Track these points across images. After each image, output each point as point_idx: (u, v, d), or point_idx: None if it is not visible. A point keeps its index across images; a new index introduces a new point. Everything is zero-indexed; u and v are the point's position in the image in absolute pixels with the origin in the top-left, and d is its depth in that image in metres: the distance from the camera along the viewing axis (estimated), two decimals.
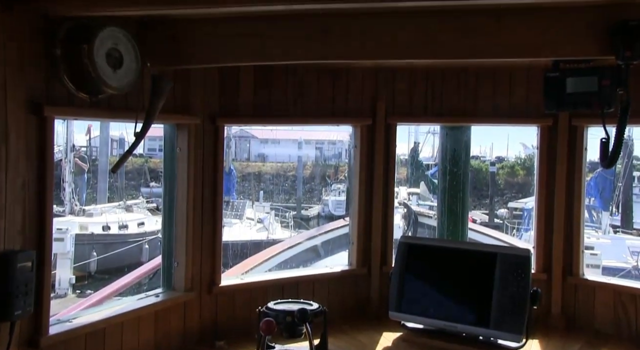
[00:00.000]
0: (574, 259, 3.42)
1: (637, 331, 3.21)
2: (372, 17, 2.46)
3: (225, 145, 3.25)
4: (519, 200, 30.99)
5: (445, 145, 3.81)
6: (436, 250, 3.36)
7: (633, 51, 2.33)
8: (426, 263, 3.32)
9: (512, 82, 3.43)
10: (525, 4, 2.33)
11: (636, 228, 26.64)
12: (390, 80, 3.56)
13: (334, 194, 33.23)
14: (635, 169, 30.97)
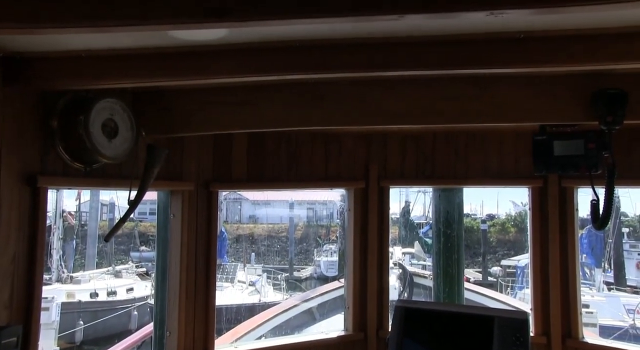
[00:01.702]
0: (572, 321, 3.37)
1: None
2: (365, 85, 2.55)
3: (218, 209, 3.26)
4: (511, 258, 30.84)
5: (439, 207, 3.83)
6: (433, 314, 3.30)
7: (614, 117, 2.42)
8: (423, 327, 3.25)
9: (501, 145, 3.50)
10: (510, 73, 2.43)
11: (630, 285, 26.46)
12: (382, 144, 3.62)
13: (326, 255, 32.90)
14: (623, 225, 31.15)
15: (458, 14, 1.62)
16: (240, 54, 2.09)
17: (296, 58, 2.09)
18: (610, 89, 2.41)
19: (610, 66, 2.28)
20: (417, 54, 2.09)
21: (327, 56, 2.10)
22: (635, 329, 14.99)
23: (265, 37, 2.01)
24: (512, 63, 2.09)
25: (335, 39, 2.02)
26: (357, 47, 2.06)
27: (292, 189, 3.67)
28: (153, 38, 1.96)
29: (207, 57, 2.09)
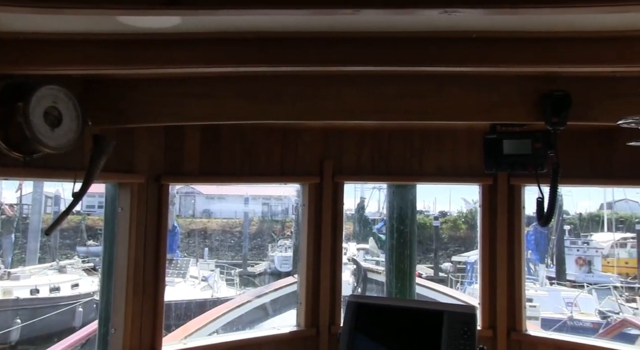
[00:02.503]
0: (517, 315, 3.48)
1: None
2: (324, 80, 2.54)
3: (169, 203, 3.18)
4: (462, 254, 31.65)
5: (392, 203, 3.87)
6: (384, 309, 3.33)
7: (559, 118, 2.50)
8: (375, 322, 3.28)
9: (455, 143, 3.56)
10: (464, 72, 2.47)
11: (569, 279, 27.65)
12: (338, 140, 3.62)
13: (280, 250, 32.88)
14: (565, 223, 32.50)
15: (412, 10, 1.63)
16: (195, 44, 2.04)
17: (252, 50, 2.06)
18: (556, 91, 2.49)
19: (558, 69, 2.34)
20: (374, 50, 2.09)
21: (284, 49, 2.08)
22: (572, 321, 15.69)
23: (220, 27, 1.96)
24: (465, 62, 2.12)
25: (292, 32, 2.00)
26: (315, 41, 2.05)
27: (247, 184, 3.63)
28: (103, 23, 1.88)
29: (161, 47, 2.03)
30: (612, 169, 3.23)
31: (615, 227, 35.34)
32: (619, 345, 3.74)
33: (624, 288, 23.18)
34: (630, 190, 37.27)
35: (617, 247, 32.64)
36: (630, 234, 33.12)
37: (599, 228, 36.48)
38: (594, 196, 66.55)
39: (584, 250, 32.14)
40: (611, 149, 3.21)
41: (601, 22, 1.86)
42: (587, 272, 30.33)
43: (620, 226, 35.90)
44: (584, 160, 3.28)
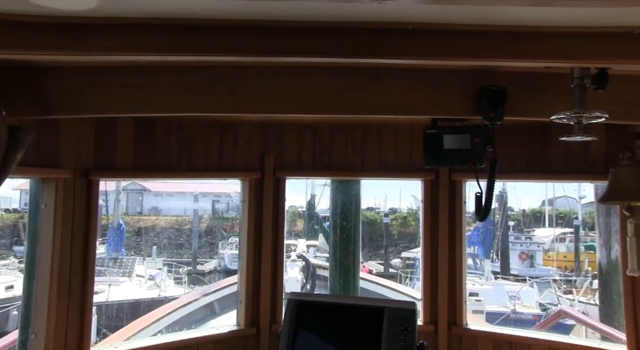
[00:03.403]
0: (458, 309, 3.50)
1: None
2: (262, 71, 2.45)
3: (114, 200, 3.02)
4: (411, 250, 32.19)
5: (336, 199, 3.82)
6: (326, 306, 3.28)
7: (496, 113, 2.51)
8: (316, 320, 3.23)
9: (396, 138, 3.55)
10: (404, 65, 2.44)
11: (512, 274, 28.59)
12: (279, 134, 3.55)
13: (231, 248, 32.50)
14: (509, 219, 33.60)
15: None
16: (120, 30, 1.91)
17: (180, 38, 1.96)
18: (492, 86, 2.49)
19: (494, 63, 2.35)
20: (312, 40, 2.03)
21: (215, 37, 1.99)
22: (515, 314, 16.21)
23: (144, 13, 1.85)
24: (402, 54, 2.08)
25: (223, 19, 1.91)
26: (250, 29, 1.97)
27: (183, 178, 3.50)
28: (12, 3, 1.74)
29: (84, 32, 1.90)
30: (548, 163, 3.29)
31: (556, 223, 36.80)
32: (553, 336, 3.84)
33: (562, 281, 24.16)
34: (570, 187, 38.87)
35: (557, 241, 34.00)
36: (568, 229, 34.54)
37: (541, 224, 37.89)
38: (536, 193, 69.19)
39: (526, 245, 33.36)
40: (547, 144, 3.27)
41: (536, 17, 1.86)
42: (529, 266, 31.48)
43: (560, 222, 37.40)
44: (521, 155, 3.33)
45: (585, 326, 8.04)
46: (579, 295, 19.60)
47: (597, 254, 13.64)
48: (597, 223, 13.11)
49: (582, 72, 2.27)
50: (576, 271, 28.49)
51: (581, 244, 31.09)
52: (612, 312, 12.13)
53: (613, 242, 12.10)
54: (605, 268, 12.47)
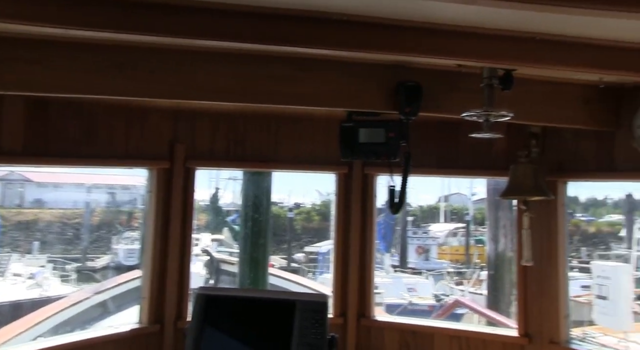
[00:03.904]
0: (367, 302, 3.57)
1: None
2: (174, 55, 2.34)
3: None
4: (314, 245, 32.61)
5: (248, 191, 3.76)
6: (235, 301, 3.22)
7: (412, 108, 2.58)
8: (225, 314, 3.15)
9: (312, 130, 3.53)
10: (325, 56, 2.44)
11: (410, 267, 29.93)
12: (191, 122, 3.41)
13: (126, 243, 31.07)
14: (408, 214, 35.12)
15: None
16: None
17: (82, 9, 1.81)
18: (409, 81, 2.56)
19: (413, 58, 2.41)
20: (232, 23, 1.96)
21: (126, 14, 1.86)
22: (412, 305, 16.99)
23: None
24: (324, 44, 2.08)
25: None
26: (161, 7, 1.86)
27: (83, 166, 3.25)
28: None
29: None
30: (457, 160, 3.44)
31: (450, 218, 38.97)
32: (452, 325, 4.06)
33: (454, 273, 25.66)
34: (463, 185, 41.33)
35: (450, 236, 36.01)
36: (461, 224, 36.68)
37: (436, 219, 39.93)
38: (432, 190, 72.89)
39: (423, 239, 34.97)
40: (456, 141, 3.42)
41: (454, 16, 1.92)
42: (425, 260, 33.05)
43: (454, 217, 39.66)
44: (431, 151, 3.45)
45: (477, 314, 8.63)
46: (469, 286, 20.90)
47: (486, 247, 14.62)
48: (488, 218, 14.05)
49: (490, 72, 2.39)
50: (466, 263, 30.34)
51: (471, 238, 33.17)
52: (498, 300, 13.06)
53: (501, 236, 13.03)
54: (493, 260, 13.40)
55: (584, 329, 9.09)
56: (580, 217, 39.32)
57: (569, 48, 2.07)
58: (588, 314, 8.90)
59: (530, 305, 3.23)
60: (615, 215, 40.36)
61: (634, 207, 33.81)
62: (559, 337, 3.12)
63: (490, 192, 13.27)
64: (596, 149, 3.02)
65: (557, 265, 3.16)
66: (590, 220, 40.29)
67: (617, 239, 34.42)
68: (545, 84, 2.70)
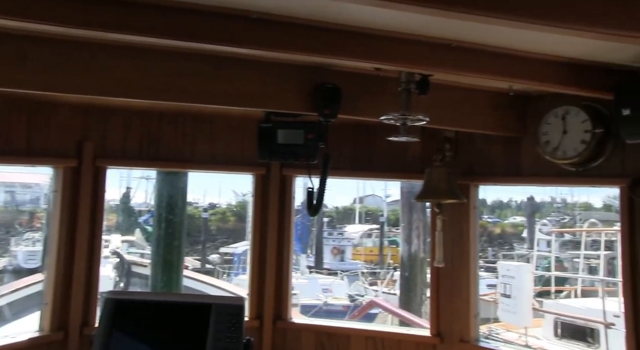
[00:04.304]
0: (283, 303, 3.54)
1: None
2: (82, 47, 2.20)
3: None
4: (229, 246, 32.21)
5: (162, 191, 3.62)
6: (147, 305, 3.08)
7: (331, 110, 2.59)
8: (136, 320, 3.01)
9: (230, 130, 3.46)
10: (244, 55, 2.39)
11: (325, 268, 30.33)
12: (102, 119, 3.24)
13: (27, 244, 29.06)
14: (324, 216, 35.58)
15: None
16: None
17: None
18: (328, 83, 2.57)
19: (332, 60, 2.42)
20: (146, 18, 1.87)
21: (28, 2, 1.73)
22: (327, 305, 17.20)
23: None
24: (243, 42, 2.03)
25: None
26: None
27: None
28: None
29: None
30: (374, 162, 3.50)
31: (364, 219, 39.87)
32: (368, 325, 4.12)
33: (368, 273, 26.25)
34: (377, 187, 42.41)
35: (365, 237, 36.85)
36: (375, 225, 37.65)
37: (351, 220, 40.71)
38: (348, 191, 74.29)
39: (338, 240, 35.55)
40: (372, 144, 3.47)
41: (372, 19, 1.94)
42: (340, 261, 33.59)
43: (368, 218, 40.62)
44: (348, 153, 3.48)
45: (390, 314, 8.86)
46: (382, 286, 21.46)
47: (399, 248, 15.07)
48: (401, 220, 14.49)
49: (408, 77, 2.45)
50: (380, 264, 31.16)
51: (385, 239, 34.12)
52: (410, 300, 13.50)
53: (414, 237, 13.48)
54: (406, 261, 13.83)
55: (490, 326, 9.60)
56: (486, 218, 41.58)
57: (483, 56, 2.16)
58: (493, 312, 9.39)
59: (442, 305, 3.34)
60: (518, 217, 43.10)
61: (536, 209, 36.28)
62: (469, 336, 3.25)
63: (404, 194, 13.70)
64: (504, 154, 3.18)
65: (469, 266, 3.29)
66: (496, 222, 42.76)
67: (520, 240, 36.78)
68: (459, 90, 2.81)
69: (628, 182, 2.66)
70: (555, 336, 9.26)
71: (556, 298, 12.17)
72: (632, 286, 2.65)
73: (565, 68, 2.29)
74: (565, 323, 9.25)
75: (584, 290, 12.08)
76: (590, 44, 1.98)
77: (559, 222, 32.16)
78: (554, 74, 2.29)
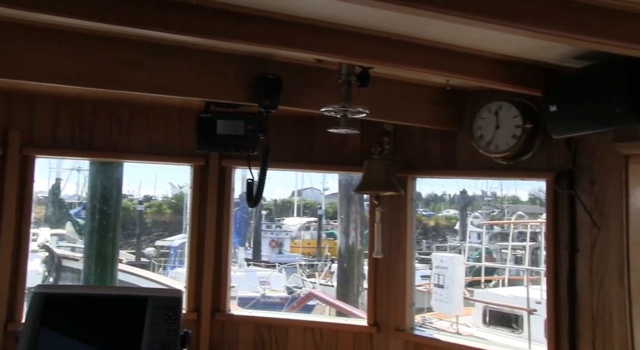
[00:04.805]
0: (222, 296, 3.51)
1: None
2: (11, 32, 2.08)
3: None
4: (166, 239, 31.51)
5: (95, 182, 3.48)
6: (78, 299, 2.97)
7: (272, 101, 2.58)
8: (67, 314, 2.89)
9: (166, 119, 3.38)
10: (185, 44, 2.34)
11: (264, 260, 30.28)
12: (29, 106, 3.09)
13: None
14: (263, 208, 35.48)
15: None
16: None
17: None
18: (269, 74, 2.56)
19: (272, 50, 2.40)
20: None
21: None
22: (265, 298, 17.20)
23: None
24: (181, 29, 1.99)
25: None
26: None
27: None
28: None
29: None
30: (313, 154, 3.51)
31: (303, 212, 40.02)
32: (306, 316, 4.15)
33: (306, 265, 26.40)
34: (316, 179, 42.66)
35: (303, 229, 37.02)
36: (313, 218, 37.87)
37: (290, 213, 40.78)
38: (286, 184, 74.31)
39: (276, 233, 35.54)
40: (313, 136, 3.49)
41: (314, 10, 1.95)
42: (278, 253, 33.61)
43: (307, 211, 40.80)
44: (288, 145, 3.48)
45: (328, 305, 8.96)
46: (320, 278, 21.65)
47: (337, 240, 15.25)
48: (339, 213, 14.65)
49: (348, 69, 2.47)
50: (318, 256, 31.40)
51: (324, 231, 34.39)
52: (347, 291, 13.71)
53: (351, 229, 13.67)
54: (343, 253, 14.02)
55: (423, 315, 9.90)
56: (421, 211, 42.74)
57: (422, 50, 2.21)
58: (427, 302, 9.69)
59: (379, 296, 3.41)
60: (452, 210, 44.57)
61: (468, 203, 37.63)
62: (405, 325, 3.34)
63: (342, 187, 13.85)
64: (441, 147, 3.28)
65: (405, 257, 3.37)
66: (430, 215, 44.02)
67: (453, 232, 38.06)
68: (399, 84, 2.86)
69: (553, 175, 2.80)
70: (483, 323, 9.68)
71: (485, 287, 12.70)
72: (554, 274, 2.80)
73: (500, 65, 2.38)
74: (492, 311, 9.69)
75: (510, 279, 12.68)
76: (523, 42, 2.07)
77: (489, 215, 33.53)
78: (489, 70, 2.38)
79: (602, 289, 2.59)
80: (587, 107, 2.28)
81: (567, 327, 2.71)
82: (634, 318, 2.48)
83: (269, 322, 3.55)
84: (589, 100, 2.25)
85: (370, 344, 3.38)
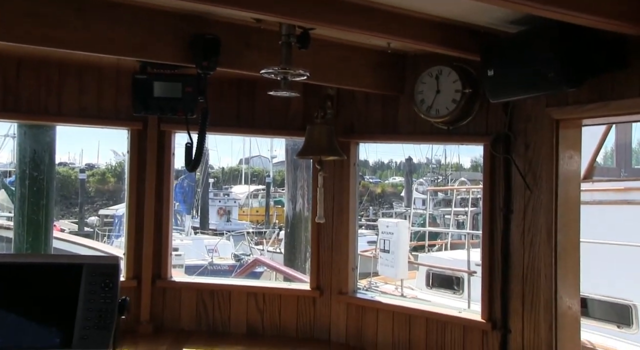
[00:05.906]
0: (163, 263, 3.45)
1: (214, 323, 3.46)
2: None
3: None
4: (110, 207, 30.79)
5: (24, 146, 3.31)
6: (7, 267, 2.85)
7: (210, 63, 2.50)
8: None
9: (100, 81, 3.22)
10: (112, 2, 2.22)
11: (211, 228, 30.14)
12: None
13: None
14: (210, 177, 35.12)
15: None
16: None
17: None
18: (207, 34, 2.47)
19: (210, 9, 2.32)
20: None
21: None
22: (212, 265, 17.18)
23: None
24: None
25: None
26: None
27: None
28: None
29: None
30: (255, 119, 3.45)
31: (251, 180, 39.86)
32: (249, 282, 4.16)
33: (254, 233, 26.46)
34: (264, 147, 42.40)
35: (251, 197, 36.94)
36: (261, 186, 37.82)
37: (238, 181, 40.54)
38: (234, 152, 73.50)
39: (224, 201, 35.32)
40: (254, 100, 3.42)
41: None
42: (226, 221, 33.47)
43: (254, 179, 40.66)
44: (230, 109, 3.41)
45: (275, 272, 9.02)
46: (268, 245, 21.76)
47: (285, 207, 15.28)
48: (286, 180, 14.65)
49: (288, 29, 2.40)
50: (266, 224, 31.48)
51: (271, 199, 34.42)
52: (294, 257, 13.84)
53: (299, 196, 13.71)
54: (291, 219, 14.07)
55: (370, 279, 10.13)
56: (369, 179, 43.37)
57: (362, 11, 2.17)
58: (374, 267, 9.90)
59: (322, 260, 3.43)
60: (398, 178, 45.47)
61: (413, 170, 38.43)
62: (347, 288, 3.39)
63: (289, 153, 13.79)
64: (383, 112, 3.28)
65: (348, 222, 3.40)
66: (377, 182, 44.78)
67: (399, 199, 38.90)
68: (341, 47, 2.82)
69: (490, 140, 2.86)
70: (427, 286, 10.01)
71: (429, 252, 13.10)
72: (490, 235, 2.90)
73: (439, 28, 2.38)
74: (435, 274, 10.02)
75: (453, 243, 13.12)
76: (462, 4, 2.07)
77: (434, 182, 34.43)
78: (428, 33, 2.38)
79: (533, 247, 2.70)
80: (522, 72, 2.32)
81: (500, 284, 2.81)
82: (558, 274, 2.60)
83: (212, 288, 3.53)
84: (523, 65, 2.29)
85: (313, 307, 3.42)
